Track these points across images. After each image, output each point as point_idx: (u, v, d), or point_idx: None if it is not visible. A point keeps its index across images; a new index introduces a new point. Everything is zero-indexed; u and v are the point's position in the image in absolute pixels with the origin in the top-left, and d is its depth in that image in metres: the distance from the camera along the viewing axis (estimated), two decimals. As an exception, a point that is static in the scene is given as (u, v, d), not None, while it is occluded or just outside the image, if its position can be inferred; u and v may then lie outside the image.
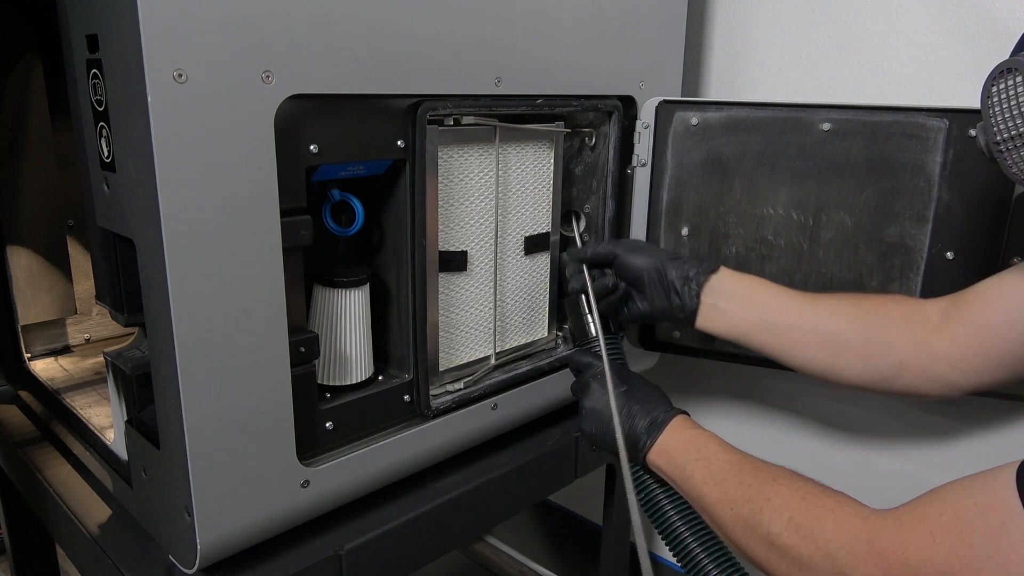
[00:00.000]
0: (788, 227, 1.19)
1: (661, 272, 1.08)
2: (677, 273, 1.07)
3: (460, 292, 1.10)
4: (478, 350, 1.15)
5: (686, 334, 1.28)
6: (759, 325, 1.04)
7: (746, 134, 1.18)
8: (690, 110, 1.21)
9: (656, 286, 1.08)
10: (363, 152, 0.93)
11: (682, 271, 1.07)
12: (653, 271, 1.08)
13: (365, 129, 0.92)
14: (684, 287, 1.06)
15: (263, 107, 0.78)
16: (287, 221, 0.84)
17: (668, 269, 1.07)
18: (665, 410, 0.97)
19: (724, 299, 1.06)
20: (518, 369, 1.18)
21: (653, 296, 1.09)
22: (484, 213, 1.10)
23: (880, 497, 0.80)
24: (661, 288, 1.08)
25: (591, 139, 1.23)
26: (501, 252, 1.15)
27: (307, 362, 0.92)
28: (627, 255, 1.10)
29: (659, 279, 1.08)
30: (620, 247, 1.12)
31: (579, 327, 1.12)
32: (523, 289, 1.20)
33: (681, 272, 1.07)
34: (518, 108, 1.07)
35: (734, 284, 1.06)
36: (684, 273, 1.07)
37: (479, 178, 1.08)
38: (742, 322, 1.05)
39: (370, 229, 1.04)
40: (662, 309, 1.08)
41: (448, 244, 1.07)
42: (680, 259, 1.09)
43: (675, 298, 1.07)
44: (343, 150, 0.90)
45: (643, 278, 1.09)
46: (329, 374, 1.01)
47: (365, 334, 1.03)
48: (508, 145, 1.11)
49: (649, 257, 1.09)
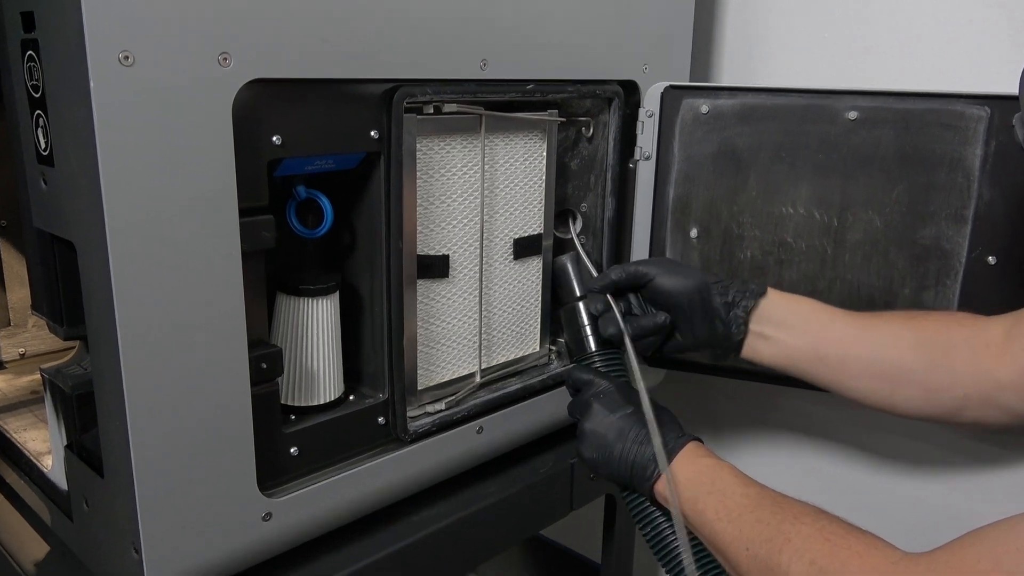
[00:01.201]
0: (810, 228, 1.19)
1: (704, 297, 1.08)
2: (722, 298, 1.07)
3: (441, 301, 1.11)
4: (461, 366, 1.15)
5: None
6: (811, 355, 1.05)
7: (763, 123, 1.19)
8: (700, 97, 1.21)
9: (698, 314, 1.08)
10: (332, 144, 0.93)
11: (727, 296, 1.07)
12: (695, 296, 1.08)
13: (335, 118, 0.92)
14: (730, 314, 1.06)
15: (220, 93, 0.79)
16: (247, 222, 0.84)
17: (712, 294, 1.07)
18: (676, 435, 0.97)
19: (773, 326, 1.06)
20: (507, 388, 1.19)
21: (694, 326, 1.08)
22: (468, 213, 1.11)
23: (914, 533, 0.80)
24: (703, 316, 1.08)
25: (588, 129, 1.24)
26: (487, 256, 1.15)
27: (269, 380, 0.92)
28: (662, 277, 1.09)
29: (702, 306, 1.08)
30: (652, 267, 1.10)
31: (576, 341, 1.13)
32: (512, 298, 1.20)
33: (726, 297, 1.07)
34: (506, 94, 1.07)
35: (783, 309, 1.07)
36: (729, 298, 1.07)
37: (462, 173, 1.09)
38: (792, 352, 1.05)
39: (340, 231, 1.04)
40: (704, 340, 1.09)
41: (428, 247, 1.07)
42: (723, 281, 1.08)
43: (720, 327, 1.07)
44: (310, 142, 0.90)
45: (683, 305, 1.08)
46: (294, 393, 1.01)
47: (334, 348, 1.03)
48: (495, 136, 1.12)
49: (688, 279, 1.09)
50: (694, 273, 1.10)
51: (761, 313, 1.06)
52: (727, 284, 1.08)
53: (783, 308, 1.07)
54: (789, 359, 1.06)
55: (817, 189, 1.18)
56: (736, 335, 1.07)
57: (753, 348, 1.07)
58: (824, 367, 1.04)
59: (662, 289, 1.09)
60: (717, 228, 1.24)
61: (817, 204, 1.18)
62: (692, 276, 1.09)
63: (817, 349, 1.04)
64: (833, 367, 1.04)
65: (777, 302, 1.07)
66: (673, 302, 1.09)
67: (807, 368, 1.06)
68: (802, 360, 1.05)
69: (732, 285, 1.07)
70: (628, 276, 1.10)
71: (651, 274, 1.10)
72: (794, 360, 1.06)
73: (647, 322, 1.09)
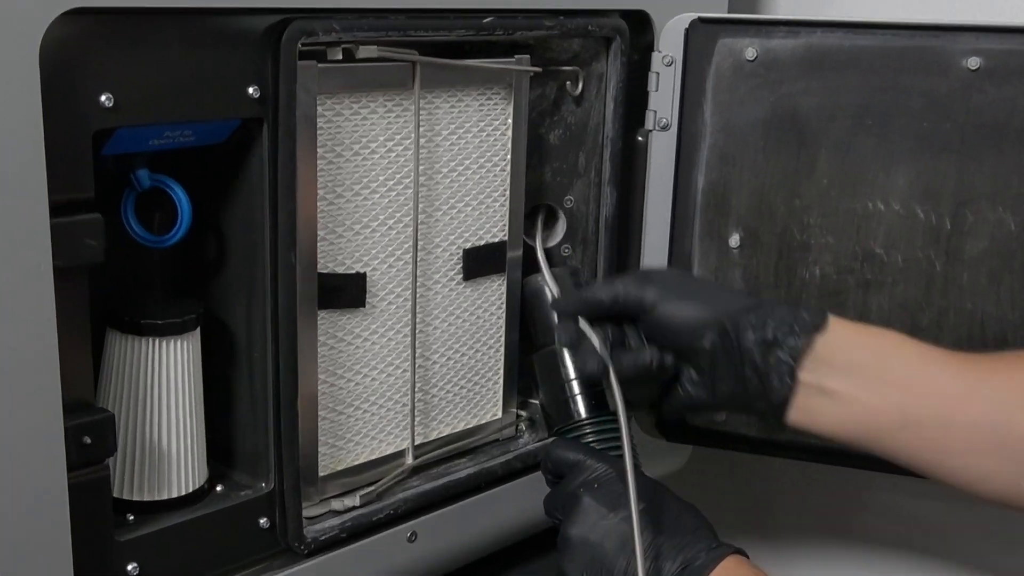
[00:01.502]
0: (910, 232, 1.20)
1: (729, 333, 1.06)
2: (757, 334, 1.06)
3: (355, 343, 1.11)
4: (385, 442, 1.15)
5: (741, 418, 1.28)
6: (897, 420, 1.03)
7: (839, 76, 1.19)
8: (744, 35, 1.22)
9: (720, 359, 1.07)
10: (190, 106, 0.93)
11: (765, 330, 1.05)
12: (715, 332, 1.07)
13: (193, 68, 0.92)
14: (769, 359, 1.05)
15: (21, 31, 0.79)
16: (61, 223, 0.84)
17: (742, 327, 1.06)
18: (708, 546, 0.98)
19: (837, 376, 1.04)
20: (453, 473, 1.19)
21: (715, 377, 1.08)
22: (395, 210, 1.11)
23: None
24: (728, 363, 1.07)
25: (576, 85, 1.25)
26: (424, 276, 1.15)
27: (96, 462, 0.92)
28: (666, 303, 1.09)
29: (725, 346, 1.06)
30: (652, 288, 1.10)
31: (557, 401, 1.14)
32: (461, 338, 1.20)
33: (763, 332, 1.05)
34: (453, 32, 1.08)
35: (854, 349, 1.06)
36: (768, 333, 1.05)
37: (387, 151, 1.09)
38: (868, 415, 1.04)
39: (203, 237, 1.05)
40: (729, 397, 1.08)
41: (335, 262, 1.08)
42: (759, 306, 1.08)
43: (753, 379, 1.06)
44: (156, 103, 0.91)
45: (699, 345, 1.08)
46: (134, 482, 1.01)
47: (193, 414, 1.03)
48: (436, 94, 1.12)
49: (705, 306, 1.09)
50: (715, 296, 1.10)
51: (819, 357, 1.05)
52: (765, 312, 1.06)
53: (853, 347, 1.06)
54: (862, 426, 1.05)
55: (921, 174, 1.18)
56: (779, 391, 1.05)
57: (806, 410, 1.06)
58: (918, 438, 1.03)
59: (666, 322, 1.09)
60: (770, 233, 1.24)
61: (921, 197, 1.19)
62: (712, 301, 1.09)
63: (907, 411, 1.03)
64: (932, 438, 1.03)
65: (844, 339, 1.06)
66: (683, 341, 1.09)
67: (891, 440, 1.04)
68: (883, 428, 1.04)
69: (773, 313, 1.06)
70: (616, 299, 1.11)
71: (650, 300, 1.09)
72: (871, 428, 1.04)
73: (629, 361, 1.09)
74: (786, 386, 1.05)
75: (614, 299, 1.10)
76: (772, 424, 1.10)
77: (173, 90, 0.92)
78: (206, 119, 0.96)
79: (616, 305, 1.10)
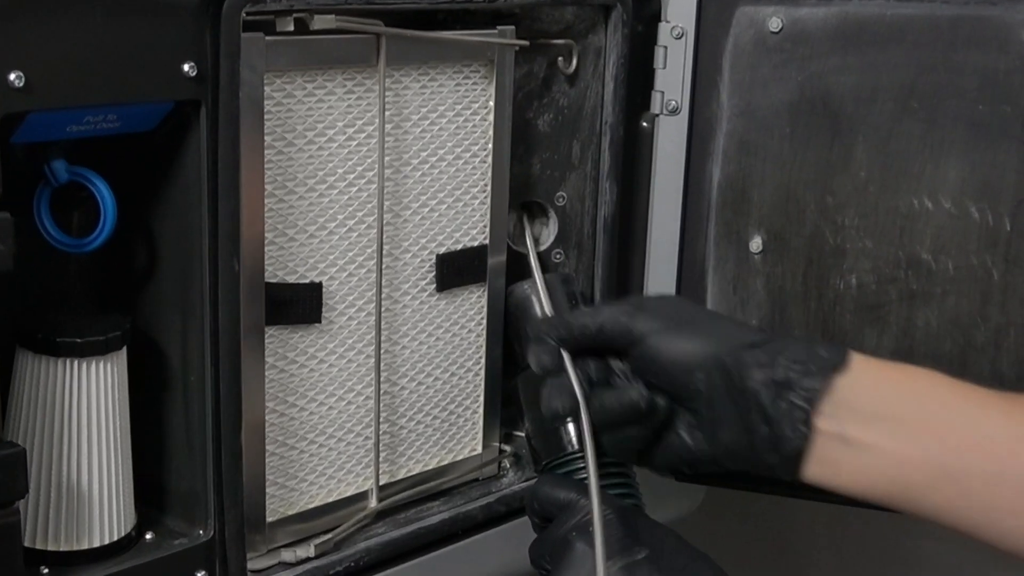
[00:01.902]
0: (962, 235, 1.19)
1: (731, 371, 1.05)
2: (766, 373, 1.05)
3: (310, 365, 1.10)
4: (345, 481, 1.15)
5: None
6: (936, 473, 1.02)
7: (879, 51, 1.19)
8: (767, 2, 1.22)
9: (722, 401, 1.06)
10: (114, 86, 0.92)
11: (773, 369, 1.05)
12: (715, 371, 1.06)
13: (118, 41, 0.91)
14: (779, 402, 1.04)
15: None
16: (-40, 224, 0.82)
17: (747, 364, 1.05)
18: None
19: (863, 423, 1.03)
20: (425, 519, 1.19)
21: (715, 421, 1.06)
22: (357, 208, 1.10)
23: None
24: (732, 406, 1.05)
25: (570, 61, 1.24)
26: (391, 286, 1.15)
27: (4, 505, 0.89)
28: (657, 334, 1.08)
29: (727, 387, 1.06)
30: (642, 315, 1.09)
31: (545, 429, 1.13)
32: (434, 359, 1.19)
33: (771, 371, 1.04)
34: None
35: (882, 390, 1.05)
36: (779, 373, 1.04)
37: (346, 138, 1.09)
38: (900, 468, 1.02)
39: (130, 241, 1.04)
40: (734, 448, 1.06)
41: (285, 270, 1.07)
42: (768, 342, 1.07)
43: (761, 426, 1.05)
44: (74, 83, 0.89)
45: (693, 384, 1.07)
46: (48, 528, 1.00)
47: (119, 449, 1.02)
48: (405, 72, 1.12)
49: (703, 338, 1.07)
50: (716, 327, 1.09)
51: (840, 400, 1.03)
52: (775, 348, 1.05)
53: (881, 389, 1.05)
54: (894, 482, 1.03)
55: (976, 167, 1.19)
56: (793, 441, 1.03)
57: (826, 463, 1.04)
58: (960, 495, 1.02)
59: (655, 356, 1.07)
60: (798, 235, 1.24)
61: (975, 193, 1.19)
62: (712, 332, 1.08)
63: (947, 462, 1.02)
64: (978, 494, 1.01)
65: (869, 379, 1.05)
66: (676, 380, 1.07)
67: (928, 497, 1.03)
68: (918, 483, 1.03)
69: (784, 350, 1.05)
70: (602, 328, 1.10)
71: (639, 330, 1.08)
72: (903, 483, 1.03)
73: (611, 401, 1.08)
74: (801, 435, 1.03)
75: (600, 327, 1.09)
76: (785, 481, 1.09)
77: (94, 68, 0.91)
78: (133, 102, 0.95)
79: (602, 335, 1.09)
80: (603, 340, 1.09)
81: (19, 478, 0.89)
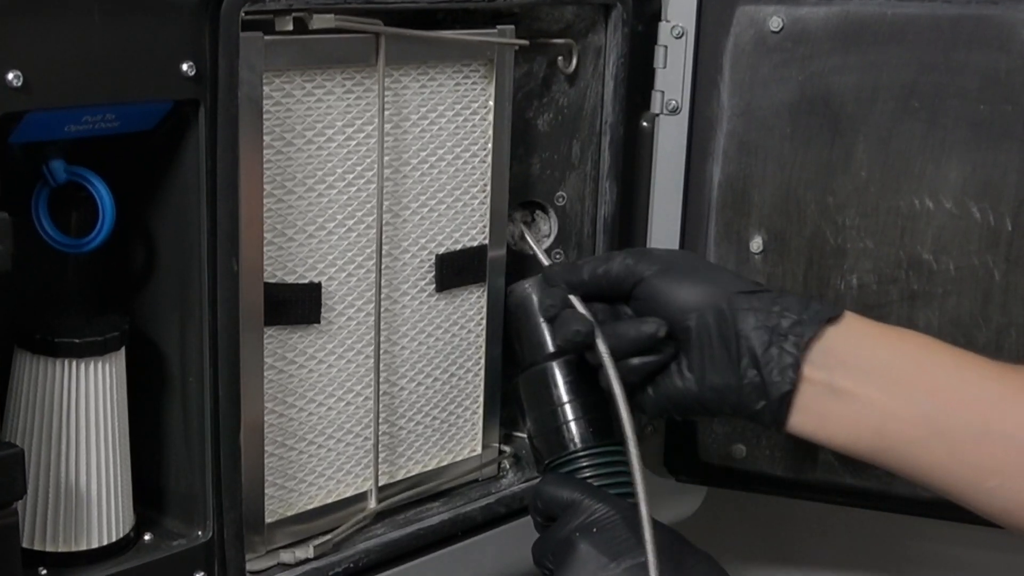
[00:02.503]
0: (964, 235, 1.20)
1: (726, 314, 1.07)
2: (756, 319, 1.06)
3: (309, 365, 1.11)
4: (344, 482, 1.15)
5: (761, 448, 1.28)
6: (923, 427, 1.03)
7: (880, 51, 1.20)
8: (768, 1, 1.22)
9: (714, 343, 1.07)
10: (114, 86, 0.92)
11: (767, 317, 1.06)
12: (710, 314, 1.07)
13: (117, 40, 0.91)
14: (770, 348, 1.05)
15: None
16: (-43, 225, 0.82)
17: (741, 309, 1.07)
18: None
19: (852, 374, 1.05)
20: (424, 520, 1.19)
21: (705, 364, 1.08)
22: (356, 208, 1.10)
23: None
24: (723, 349, 1.07)
25: (569, 60, 1.24)
26: (390, 286, 1.15)
27: (2, 506, 0.88)
28: (658, 276, 1.10)
29: (721, 330, 1.07)
30: (645, 261, 1.12)
31: (549, 430, 1.14)
32: (434, 359, 1.20)
33: (766, 318, 1.06)
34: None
35: (874, 345, 1.06)
36: (772, 320, 1.06)
37: (345, 138, 1.08)
38: (888, 421, 1.04)
39: (128, 241, 1.04)
40: (722, 391, 1.08)
41: (285, 270, 1.07)
42: (763, 293, 1.08)
43: (750, 371, 1.06)
44: (73, 82, 0.89)
45: (690, 327, 1.08)
46: (46, 529, 0.99)
47: (117, 450, 1.01)
48: (405, 71, 1.12)
49: (703, 283, 1.09)
50: (717, 275, 1.11)
51: (831, 350, 1.05)
52: (771, 297, 1.07)
53: (874, 344, 1.06)
54: (880, 435, 1.04)
55: (977, 167, 1.19)
56: (779, 386, 1.05)
57: (812, 413, 1.05)
58: (946, 453, 1.02)
59: (655, 296, 1.09)
60: (799, 235, 1.25)
61: (977, 194, 1.19)
62: (712, 279, 1.10)
63: (936, 418, 1.03)
64: (963, 454, 1.02)
65: (862, 334, 1.07)
66: (675, 320, 1.09)
67: (913, 452, 1.04)
68: (905, 437, 1.03)
69: (779, 299, 1.07)
70: (605, 273, 1.12)
71: (641, 272, 1.10)
72: (889, 437, 1.04)
73: (628, 330, 1.09)
74: (788, 380, 1.04)
75: (607, 270, 1.11)
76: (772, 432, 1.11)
77: (93, 67, 0.91)
78: (132, 101, 0.94)
79: (608, 276, 1.11)
80: (610, 282, 1.12)
81: (17, 479, 0.89)
